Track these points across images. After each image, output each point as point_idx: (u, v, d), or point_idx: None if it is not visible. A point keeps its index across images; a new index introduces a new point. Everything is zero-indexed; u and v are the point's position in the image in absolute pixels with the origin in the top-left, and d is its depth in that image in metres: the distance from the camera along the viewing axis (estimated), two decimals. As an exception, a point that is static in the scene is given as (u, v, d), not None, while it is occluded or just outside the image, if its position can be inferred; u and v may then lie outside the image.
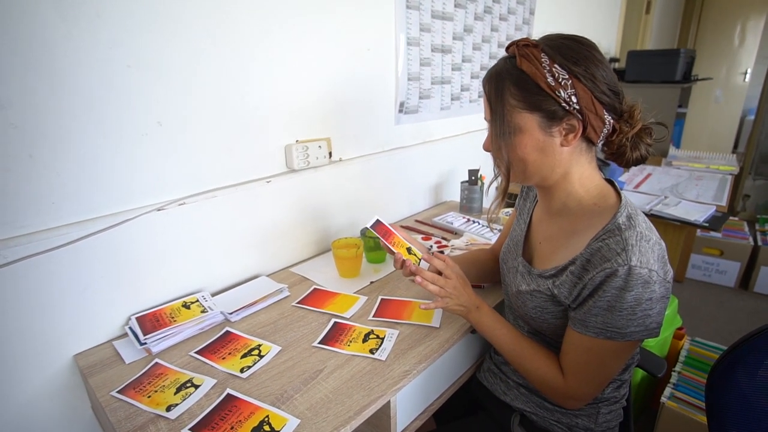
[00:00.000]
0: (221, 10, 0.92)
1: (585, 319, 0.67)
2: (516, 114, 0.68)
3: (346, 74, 1.23)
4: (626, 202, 0.71)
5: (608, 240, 0.65)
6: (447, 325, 0.90)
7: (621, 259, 0.62)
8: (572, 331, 0.70)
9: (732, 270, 2.65)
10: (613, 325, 0.64)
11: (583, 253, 0.68)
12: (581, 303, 0.68)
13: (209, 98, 0.94)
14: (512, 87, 0.67)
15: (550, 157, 0.71)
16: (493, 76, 0.70)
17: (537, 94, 0.66)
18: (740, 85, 5.18)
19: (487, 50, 1.76)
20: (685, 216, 1.57)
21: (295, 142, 1.15)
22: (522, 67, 0.66)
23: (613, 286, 0.63)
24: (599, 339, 0.66)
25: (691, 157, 2.49)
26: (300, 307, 0.99)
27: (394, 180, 1.50)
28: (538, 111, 0.67)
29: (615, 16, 2.91)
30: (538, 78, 0.65)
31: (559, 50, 0.66)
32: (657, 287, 0.63)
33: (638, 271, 0.61)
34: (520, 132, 0.69)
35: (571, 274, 0.69)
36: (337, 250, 1.09)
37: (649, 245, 0.64)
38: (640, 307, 0.62)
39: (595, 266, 0.65)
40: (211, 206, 1.00)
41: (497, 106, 0.69)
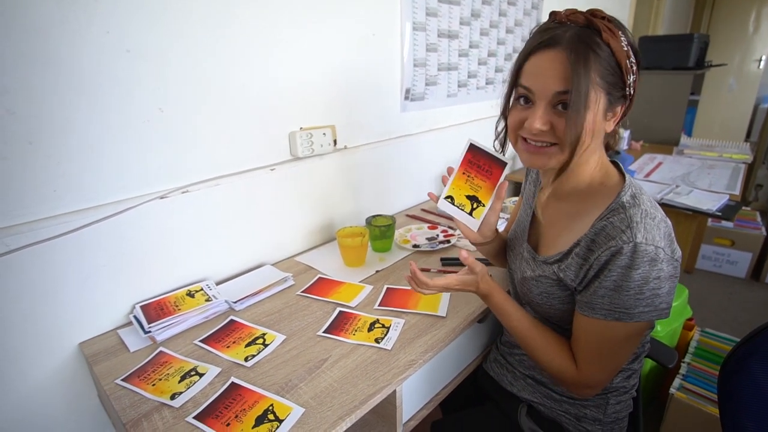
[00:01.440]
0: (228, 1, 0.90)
1: (591, 301, 0.65)
2: (595, 92, 0.61)
3: (351, 60, 1.21)
4: (630, 181, 0.70)
5: (612, 218, 0.64)
6: (453, 315, 0.89)
7: (626, 237, 0.61)
8: (580, 315, 0.69)
9: (743, 261, 2.61)
10: (620, 305, 0.63)
11: (588, 234, 0.67)
12: (587, 285, 0.66)
13: (211, 85, 0.93)
14: (598, 61, 0.60)
15: (596, 139, 0.67)
16: (579, 45, 0.60)
17: (616, 75, 0.63)
18: (754, 72, 5.06)
19: (495, 35, 1.72)
20: (697, 205, 1.53)
21: (299, 130, 1.13)
22: (609, 43, 0.61)
23: (618, 265, 0.61)
24: (608, 321, 0.64)
25: (703, 146, 2.44)
26: (305, 296, 0.98)
27: (400, 168, 1.48)
28: (609, 93, 0.63)
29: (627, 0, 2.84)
30: (621, 59, 0.62)
31: (626, 31, 0.63)
32: (665, 266, 0.61)
33: (644, 248, 0.60)
34: (592, 111, 0.62)
35: (576, 256, 0.68)
36: (342, 239, 1.08)
37: (654, 222, 0.62)
38: (647, 285, 0.61)
39: (599, 245, 0.64)
40: (214, 194, 0.98)
41: (583, 78, 0.59)
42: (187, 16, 0.85)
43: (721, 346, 1.54)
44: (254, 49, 0.98)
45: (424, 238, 1.25)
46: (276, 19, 1.00)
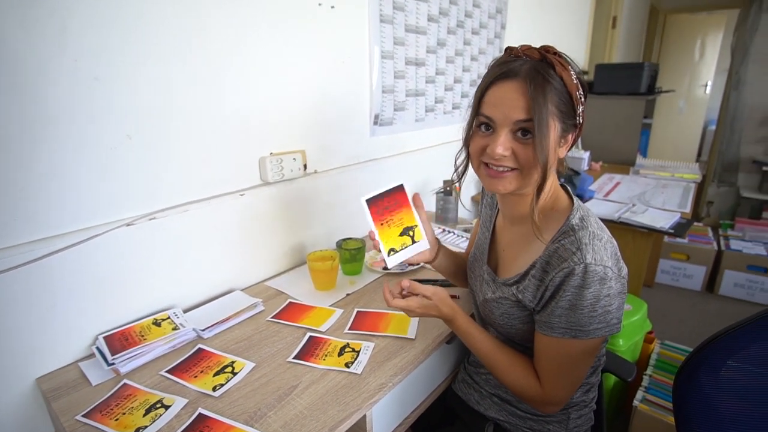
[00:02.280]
0: (194, 21, 0.91)
1: (549, 320, 0.69)
2: (551, 121, 0.66)
3: (321, 87, 1.24)
4: (578, 204, 0.75)
5: (563, 241, 0.68)
6: (422, 336, 0.91)
7: (576, 258, 0.65)
8: (540, 335, 0.72)
9: (698, 274, 2.75)
10: (576, 323, 0.66)
11: (542, 256, 0.71)
12: (544, 305, 0.70)
13: (181, 111, 0.93)
14: (553, 92, 0.65)
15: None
16: (538, 77, 0.64)
17: (568, 105, 0.67)
18: (701, 96, 5.43)
19: (460, 63, 1.79)
20: (651, 223, 1.62)
21: (270, 155, 1.14)
22: (562, 76, 0.66)
23: (572, 285, 0.65)
24: (565, 339, 0.68)
25: (657, 166, 2.58)
26: (275, 322, 0.98)
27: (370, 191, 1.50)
28: (562, 122, 0.68)
29: (583, 30, 3.02)
30: (572, 90, 0.67)
31: (573, 65, 0.69)
32: (613, 283, 0.65)
33: (593, 268, 0.64)
34: (549, 138, 0.66)
35: (533, 278, 0.72)
36: (313, 263, 1.09)
37: (601, 243, 0.67)
38: (599, 303, 0.65)
39: (554, 267, 0.68)
40: (182, 220, 0.98)
41: (543, 108, 0.64)
42: (156, 43, 0.86)
43: (680, 357, 1.61)
44: (225, 75, 0.99)
45: (394, 260, 1.27)
46: (247, 46, 1.02)
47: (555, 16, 2.56)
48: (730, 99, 3.63)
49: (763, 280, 2.55)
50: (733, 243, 2.72)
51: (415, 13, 1.48)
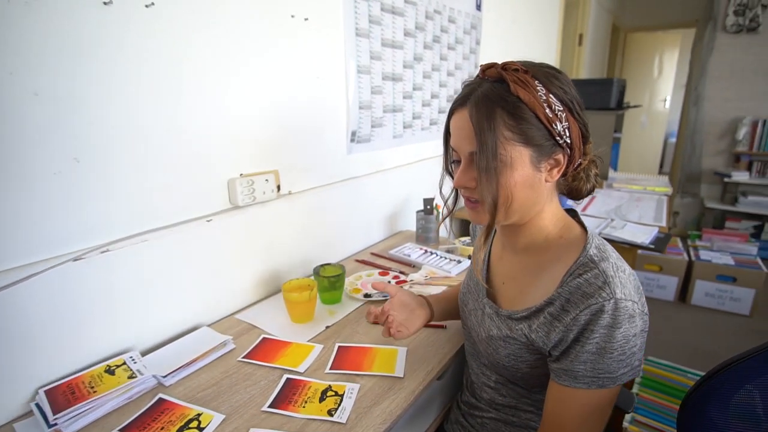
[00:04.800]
0: (154, 33, 0.82)
1: (572, 368, 0.61)
2: (509, 147, 0.60)
3: (295, 103, 1.17)
4: (592, 232, 0.69)
5: (586, 275, 0.61)
6: (411, 374, 0.83)
7: (605, 293, 0.58)
8: (559, 386, 0.63)
9: (671, 285, 2.79)
10: (604, 370, 0.59)
11: (561, 292, 0.63)
12: (565, 350, 0.61)
13: (139, 129, 0.84)
14: (506, 116, 0.60)
15: (536, 193, 0.65)
16: (482, 102, 0.60)
17: (534, 126, 0.61)
18: (662, 111, 5.66)
19: (437, 78, 1.76)
20: (632, 239, 1.61)
21: (239, 176, 1.05)
22: (518, 95, 0.60)
23: (601, 325, 0.58)
24: (592, 390, 0.60)
25: (629, 179, 2.62)
26: (247, 362, 0.88)
27: (348, 212, 1.43)
28: (531, 145, 0.61)
29: (552, 47, 3.07)
30: (537, 108, 0.60)
31: (548, 79, 0.62)
32: (638, 320, 0.59)
33: (624, 304, 0.57)
34: (511, 167, 0.61)
35: (549, 317, 0.64)
36: (288, 294, 1.00)
37: (625, 275, 0.61)
38: (628, 344, 0.58)
39: (576, 305, 0.60)
40: (140, 252, 0.87)
41: (488, 136, 0.59)
42: (107, 53, 0.77)
43: (664, 374, 1.60)
44: (189, 91, 0.90)
45: (376, 286, 1.19)
46: (215, 60, 0.94)
47: (526, 32, 2.58)
48: (690, 114, 3.77)
49: (732, 289, 2.61)
50: (703, 253, 2.79)
51: (391, 27, 1.43)
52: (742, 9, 3.35)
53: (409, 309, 0.86)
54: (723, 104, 3.62)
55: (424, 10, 1.58)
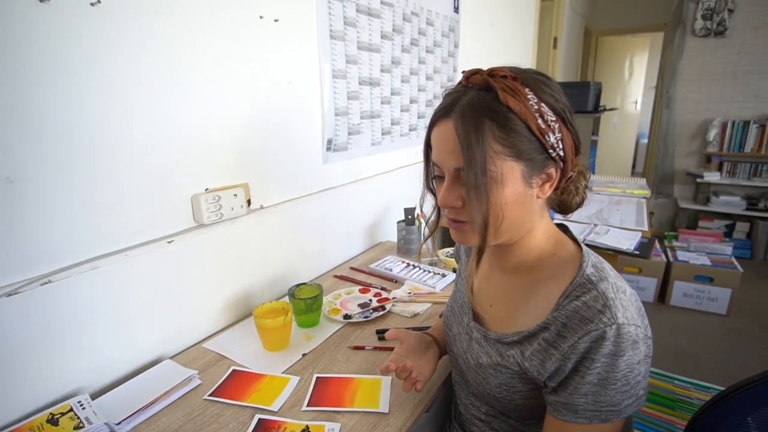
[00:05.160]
0: (99, 34, 0.73)
1: (572, 401, 0.55)
2: (499, 162, 0.55)
3: (266, 110, 1.08)
4: (587, 249, 0.63)
5: (584, 297, 0.55)
6: (397, 409, 0.76)
7: (606, 318, 0.52)
8: (558, 422, 0.57)
9: (650, 286, 2.80)
10: (607, 402, 0.53)
11: (557, 316, 0.57)
12: (563, 381, 0.56)
13: (84, 142, 0.74)
14: (496, 128, 0.54)
15: (527, 211, 0.60)
16: (468, 112, 0.54)
17: (525, 138, 0.55)
18: (633, 112, 5.78)
19: (415, 83, 1.70)
20: (617, 245, 1.59)
21: (205, 192, 0.96)
22: (508, 104, 0.54)
23: (603, 353, 0.52)
24: (594, 425, 0.54)
25: (608, 183, 2.62)
26: (214, 401, 0.79)
27: (325, 224, 1.35)
28: (523, 159, 0.55)
29: (529, 50, 3.06)
30: (529, 119, 0.54)
31: (539, 86, 0.56)
32: (642, 346, 0.54)
33: (626, 329, 0.52)
34: (502, 184, 0.55)
35: (544, 343, 0.58)
36: (261, 321, 0.91)
37: (626, 297, 0.56)
38: (632, 373, 0.53)
39: (574, 331, 0.54)
40: (90, 281, 0.77)
41: (476, 151, 0.53)
42: (46, 58, 0.67)
43: (653, 382, 1.57)
44: (144, 98, 0.81)
45: (356, 305, 1.11)
46: (171, 64, 0.85)
47: (504, 35, 2.56)
48: (662, 116, 3.84)
49: (709, 289, 2.64)
50: (680, 254, 2.81)
51: (367, 30, 1.36)
52: (710, 13, 3.43)
53: (420, 352, 0.79)
54: (693, 106, 3.69)
55: (401, 12, 1.52)
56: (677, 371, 1.64)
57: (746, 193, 3.55)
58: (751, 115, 3.48)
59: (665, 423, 1.36)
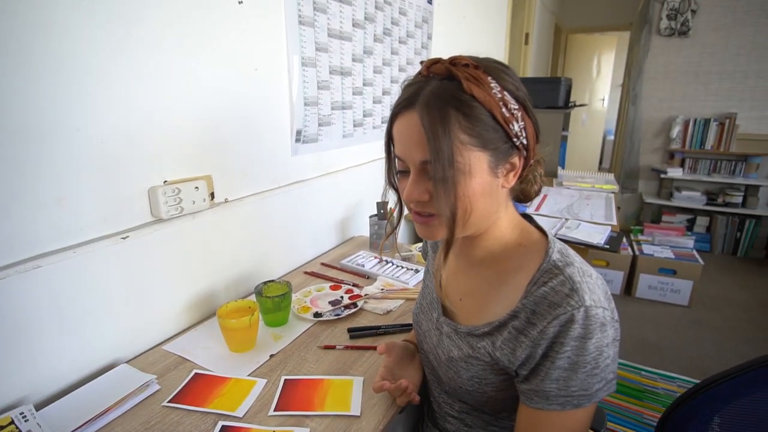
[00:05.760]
0: (46, 14, 0.66)
1: (543, 388, 0.54)
2: (466, 153, 0.53)
3: (230, 98, 1.02)
4: (551, 235, 0.63)
5: (551, 282, 0.55)
6: (369, 412, 0.73)
7: (574, 302, 0.52)
8: (531, 410, 0.56)
9: (617, 279, 2.88)
10: (578, 387, 0.52)
11: (526, 303, 0.56)
12: (534, 368, 0.55)
13: (24, 130, 0.67)
14: (462, 118, 0.52)
15: (494, 201, 0.59)
16: (433, 102, 0.53)
17: (490, 127, 0.53)
18: (600, 109, 5.93)
19: (388, 73, 1.66)
20: (588, 239, 1.60)
21: (163, 184, 0.90)
22: (473, 93, 0.52)
23: (571, 337, 0.52)
24: (567, 412, 0.53)
25: (577, 177, 2.66)
26: (174, 408, 0.74)
27: (295, 219, 1.30)
28: (488, 148, 0.54)
29: (501, 45, 3.07)
30: (494, 108, 0.53)
31: (500, 74, 0.55)
32: (609, 329, 0.53)
33: (594, 312, 0.52)
34: (470, 175, 0.54)
35: (515, 330, 0.57)
36: (225, 321, 0.86)
37: (592, 280, 0.55)
38: (601, 356, 0.52)
39: (543, 316, 0.54)
40: (31, 280, 0.71)
41: (443, 142, 0.52)
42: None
43: (621, 373, 1.60)
44: (94, 82, 0.74)
45: (327, 303, 1.07)
46: (125, 45, 0.78)
47: (476, 29, 2.55)
48: (628, 113, 3.94)
49: (672, 281, 2.72)
50: (645, 247, 2.90)
51: (338, 17, 1.31)
52: (674, 13, 3.53)
53: (407, 361, 0.79)
54: (658, 104, 3.80)
55: (374, 0, 1.48)
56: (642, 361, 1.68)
57: (706, 189, 3.69)
58: (711, 113, 3.61)
59: (634, 414, 1.39)
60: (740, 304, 2.80)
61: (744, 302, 2.82)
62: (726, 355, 2.24)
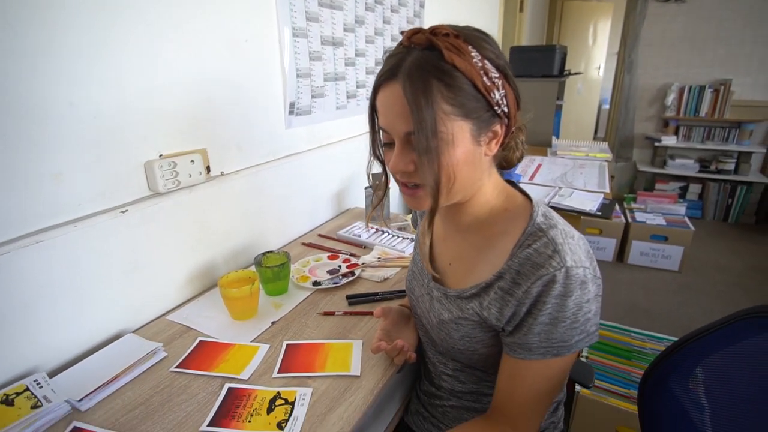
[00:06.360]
0: (22, -19, 0.65)
1: (526, 341, 0.58)
2: (449, 122, 0.54)
3: (220, 70, 1.02)
4: (536, 199, 0.65)
5: (535, 244, 0.58)
6: (369, 372, 0.76)
7: (555, 263, 0.55)
8: (513, 360, 0.60)
9: (610, 246, 2.93)
10: (558, 339, 0.56)
11: (511, 265, 0.59)
12: (519, 324, 0.59)
13: (19, 106, 0.67)
14: (444, 88, 0.53)
15: (477, 169, 0.61)
16: (416, 73, 0.53)
17: (472, 96, 0.54)
18: (596, 78, 5.86)
19: (380, 43, 1.64)
20: (580, 206, 1.63)
21: (159, 158, 0.90)
22: (454, 63, 0.53)
23: (553, 295, 0.55)
24: (546, 360, 0.58)
25: (571, 146, 2.67)
26: (181, 372, 0.77)
27: (290, 191, 1.32)
28: (471, 117, 0.55)
29: (495, 12, 3.02)
30: (475, 77, 0.53)
31: (479, 43, 0.56)
32: (591, 286, 0.57)
33: (574, 272, 0.55)
34: (453, 144, 0.55)
35: (500, 291, 0.60)
36: (227, 290, 0.88)
37: (575, 241, 0.58)
38: (581, 312, 0.56)
39: (527, 277, 0.57)
40: (34, 256, 0.72)
41: (426, 113, 0.52)
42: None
43: (612, 335, 1.66)
44: (87, 57, 0.74)
45: (325, 272, 1.10)
46: (115, 18, 0.77)
47: (470, -4, 2.50)
48: (623, 81, 3.91)
49: (663, 247, 2.78)
50: (638, 215, 2.94)
51: (329, -15, 1.29)
52: (671, -23, 3.46)
53: (403, 324, 0.83)
54: (653, 71, 3.78)
55: (365, -33, 1.45)
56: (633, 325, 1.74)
57: (699, 156, 3.71)
58: (706, 80, 3.60)
59: (623, 372, 1.45)
60: (729, 268, 2.87)
61: (733, 267, 2.89)
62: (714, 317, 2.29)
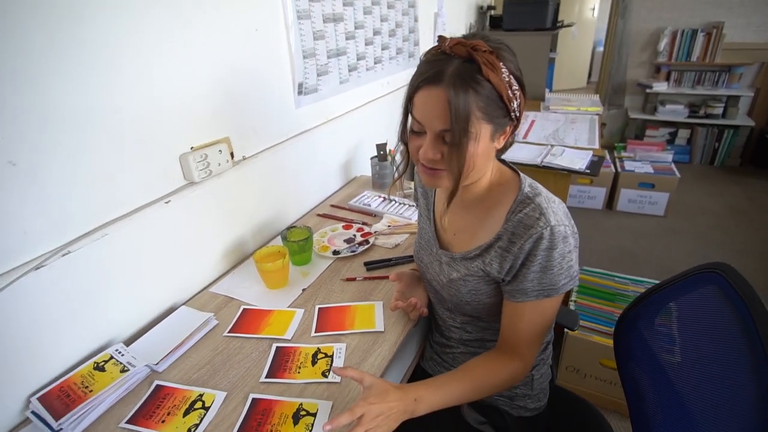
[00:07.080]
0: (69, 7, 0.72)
1: (523, 287, 0.73)
2: (477, 124, 0.65)
3: (235, 62, 1.09)
4: (522, 174, 0.80)
5: (525, 210, 0.72)
6: (391, 327, 0.91)
7: (542, 223, 0.69)
8: (513, 303, 0.76)
9: (599, 195, 3.07)
10: (548, 283, 0.72)
11: (507, 228, 0.74)
12: (516, 274, 0.73)
13: (73, 121, 0.76)
14: (479, 99, 0.63)
15: (489, 159, 0.74)
16: (458, 82, 0.62)
17: (497, 105, 0.66)
18: (590, 19, 5.75)
19: (377, 13, 1.68)
20: (570, 165, 1.74)
21: (191, 150, 1.00)
22: (489, 79, 0.63)
23: (541, 249, 0.70)
24: (539, 300, 0.73)
25: (564, 101, 2.74)
26: (234, 336, 0.92)
27: (303, 167, 1.42)
28: (493, 122, 0.67)
29: (488, -38, 2.96)
30: (502, 90, 0.64)
31: (507, 58, 0.66)
32: (571, 239, 0.72)
33: (558, 229, 0.69)
34: (477, 142, 0.66)
35: (500, 249, 0.75)
36: (262, 264, 1.02)
37: (556, 205, 0.73)
38: (565, 260, 0.71)
39: (521, 236, 0.71)
40: (101, 246, 0.84)
41: (463, 116, 0.63)
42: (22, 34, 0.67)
43: (597, 281, 1.83)
44: (121, 68, 0.82)
45: (342, 241, 1.23)
46: (144, 30, 0.84)
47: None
48: (617, 26, 3.88)
49: (650, 194, 2.93)
50: (627, 164, 3.06)
51: (327, -37, 1.32)
52: None
53: (415, 284, 0.98)
54: (647, 15, 3.74)
55: (360, -61, 1.46)
56: (619, 269, 1.90)
57: (689, 101, 3.77)
58: (699, 23, 3.58)
59: (606, 313, 1.63)
60: (712, 211, 3.03)
61: (715, 209, 3.05)
62: (696, 259, 2.49)
